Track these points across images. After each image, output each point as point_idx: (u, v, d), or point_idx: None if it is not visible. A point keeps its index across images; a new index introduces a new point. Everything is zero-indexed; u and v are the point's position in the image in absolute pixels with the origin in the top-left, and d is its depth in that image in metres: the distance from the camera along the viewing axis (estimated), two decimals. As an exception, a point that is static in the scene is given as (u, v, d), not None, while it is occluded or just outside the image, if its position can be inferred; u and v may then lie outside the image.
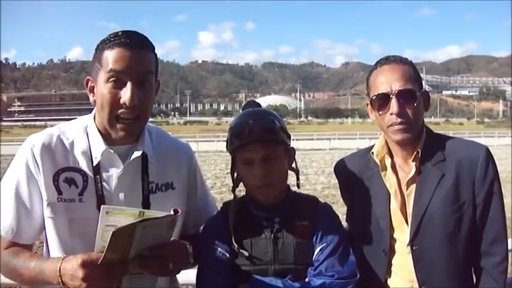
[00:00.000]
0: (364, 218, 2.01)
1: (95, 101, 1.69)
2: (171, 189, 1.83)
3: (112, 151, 1.71)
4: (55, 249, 1.71)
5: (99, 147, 1.71)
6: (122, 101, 1.63)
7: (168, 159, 1.85)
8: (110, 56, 1.62)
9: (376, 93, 1.92)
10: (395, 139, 1.92)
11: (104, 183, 1.71)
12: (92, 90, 1.69)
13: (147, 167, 1.76)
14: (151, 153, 1.78)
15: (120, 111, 1.65)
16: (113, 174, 1.72)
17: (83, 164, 1.71)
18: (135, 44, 1.64)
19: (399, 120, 1.87)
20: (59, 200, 1.68)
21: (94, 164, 1.70)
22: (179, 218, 1.79)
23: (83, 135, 1.74)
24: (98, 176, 1.70)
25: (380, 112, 1.93)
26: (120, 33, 1.65)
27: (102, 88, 1.63)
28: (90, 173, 1.70)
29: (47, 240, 1.74)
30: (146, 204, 1.73)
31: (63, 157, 1.71)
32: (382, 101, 1.90)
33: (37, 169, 1.67)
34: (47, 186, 1.67)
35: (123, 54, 1.63)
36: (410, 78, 1.90)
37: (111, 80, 1.62)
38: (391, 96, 1.87)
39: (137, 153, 1.72)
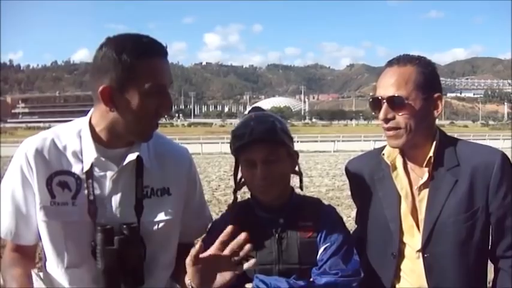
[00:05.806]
0: (373, 220, 1.99)
1: (111, 110, 1.62)
2: (167, 194, 1.79)
3: (103, 158, 1.69)
4: (50, 252, 1.71)
5: (90, 153, 1.68)
6: (161, 110, 1.64)
7: (166, 164, 1.81)
8: (151, 68, 1.59)
9: (371, 97, 1.93)
10: (389, 144, 1.94)
11: (96, 187, 1.69)
12: (111, 99, 1.60)
13: (141, 170, 1.73)
14: (146, 157, 1.75)
15: (158, 119, 1.68)
16: (107, 177, 1.70)
17: (76, 168, 1.69)
18: (166, 53, 1.64)
19: (386, 126, 1.87)
20: (52, 203, 1.67)
21: (85, 170, 1.68)
22: (176, 227, 1.81)
23: (76, 139, 1.72)
24: (90, 180, 1.68)
25: (374, 114, 1.94)
26: (147, 41, 1.62)
27: (141, 99, 1.59)
28: (83, 177, 1.69)
29: (42, 243, 1.74)
30: (139, 208, 1.71)
31: (56, 161, 1.69)
32: (375, 105, 1.90)
33: (31, 173, 1.67)
34: (40, 190, 1.67)
35: (163, 65, 1.62)
36: (407, 83, 1.83)
37: (155, 92, 1.60)
38: (382, 101, 1.86)
39: (131, 156, 1.70)
